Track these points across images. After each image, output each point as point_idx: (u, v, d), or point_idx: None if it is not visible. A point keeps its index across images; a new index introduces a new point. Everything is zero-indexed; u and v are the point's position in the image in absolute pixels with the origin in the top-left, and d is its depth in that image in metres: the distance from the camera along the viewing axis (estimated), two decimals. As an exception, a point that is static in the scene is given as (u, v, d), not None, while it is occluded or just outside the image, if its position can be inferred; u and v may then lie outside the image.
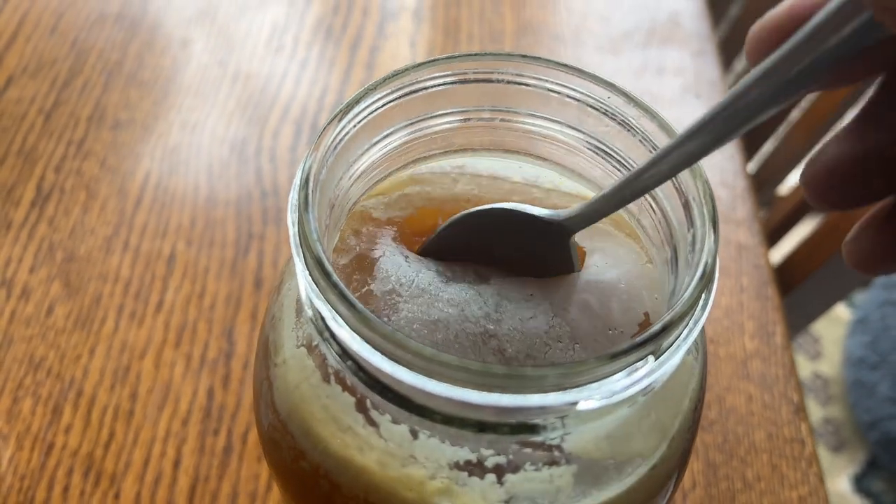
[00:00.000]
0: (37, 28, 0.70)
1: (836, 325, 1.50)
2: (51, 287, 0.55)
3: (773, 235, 0.81)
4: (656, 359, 0.20)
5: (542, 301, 0.29)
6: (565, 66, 0.27)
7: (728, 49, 0.97)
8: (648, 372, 0.20)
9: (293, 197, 0.22)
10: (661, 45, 0.74)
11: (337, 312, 0.20)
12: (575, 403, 0.20)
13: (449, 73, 0.26)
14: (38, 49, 0.68)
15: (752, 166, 0.95)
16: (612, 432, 0.23)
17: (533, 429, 0.21)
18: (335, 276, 0.20)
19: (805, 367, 1.45)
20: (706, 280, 0.21)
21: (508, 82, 0.26)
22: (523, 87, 0.27)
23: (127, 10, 0.72)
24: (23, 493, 0.47)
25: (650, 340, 0.20)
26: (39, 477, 0.47)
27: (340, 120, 0.24)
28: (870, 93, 0.21)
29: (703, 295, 0.21)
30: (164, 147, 0.63)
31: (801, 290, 0.69)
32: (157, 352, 0.52)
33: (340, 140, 0.24)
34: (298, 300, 0.25)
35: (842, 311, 1.52)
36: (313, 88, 0.68)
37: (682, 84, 0.71)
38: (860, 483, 1.32)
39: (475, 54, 0.26)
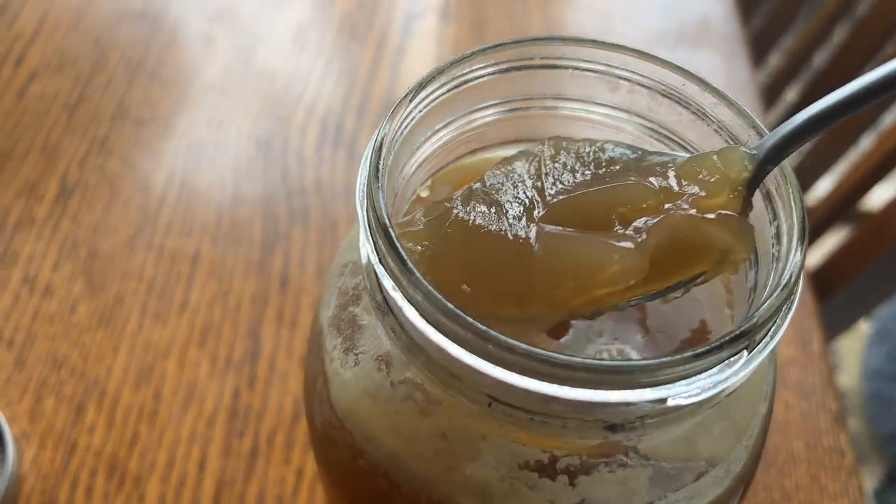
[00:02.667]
0: (59, 25, 0.69)
1: (854, 336, 1.48)
2: (74, 285, 0.54)
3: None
4: (749, 354, 0.19)
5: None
6: (637, 51, 0.26)
7: (759, 46, 0.96)
8: (741, 368, 0.19)
9: (363, 176, 0.21)
10: (691, 46, 0.73)
11: (413, 304, 0.19)
12: (664, 400, 0.18)
13: (511, 58, 0.25)
14: (61, 46, 0.67)
15: (793, 158, 0.94)
16: (688, 434, 0.22)
17: (612, 428, 0.20)
18: (410, 264, 0.18)
19: (822, 378, 1.44)
20: (799, 274, 0.20)
21: (575, 68, 0.25)
22: (590, 73, 0.26)
23: (149, 8, 0.71)
24: (46, 494, 0.45)
25: (745, 335, 0.18)
26: (62, 477, 0.46)
27: (413, 98, 0.23)
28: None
29: (795, 288, 0.20)
30: (188, 145, 0.62)
31: (838, 296, 0.67)
32: (182, 352, 0.51)
33: (410, 120, 0.23)
34: (358, 292, 0.24)
35: (860, 323, 1.50)
36: (338, 87, 0.67)
37: (713, 86, 0.70)
38: (880, 498, 1.30)
39: (539, 39, 0.25)
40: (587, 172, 0.24)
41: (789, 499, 0.49)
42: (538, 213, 0.23)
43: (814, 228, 0.78)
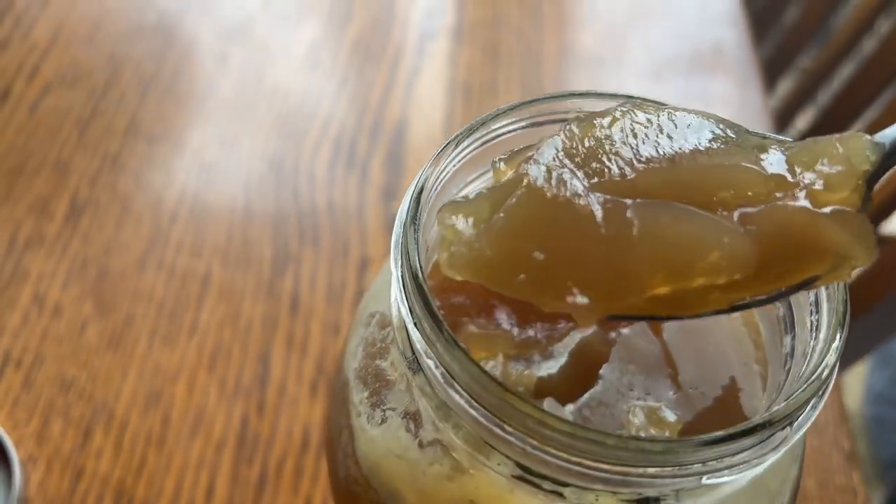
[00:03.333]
0: (74, 37, 0.69)
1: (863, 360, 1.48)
2: (83, 305, 0.53)
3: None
4: (792, 429, 0.19)
5: (621, 346, 0.28)
6: (657, 103, 0.25)
7: (771, 71, 0.96)
8: (778, 447, 0.18)
9: (398, 231, 0.20)
10: (705, 72, 0.73)
11: (448, 371, 0.18)
12: (699, 478, 0.18)
13: (560, 112, 0.24)
14: (76, 59, 0.67)
15: None
16: (724, 500, 0.22)
17: (646, 501, 0.19)
18: (448, 331, 0.18)
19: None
20: (841, 353, 0.19)
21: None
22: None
23: (164, 22, 0.71)
24: (52, 521, 0.45)
25: (782, 420, 0.18)
26: (69, 502, 0.46)
27: (458, 144, 0.22)
28: None
29: (830, 379, 0.19)
30: (200, 162, 0.62)
31: (854, 326, 0.67)
32: (191, 375, 0.51)
33: (446, 173, 0.22)
34: (386, 345, 0.23)
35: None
36: (351, 107, 0.67)
37: (727, 114, 0.70)
38: (881, 521, 1.29)
39: (582, 94, 0.25)
40: (682, 143, 0.21)
41: (801, 538, 0.49)
42: (627, 182, 0.20)
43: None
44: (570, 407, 0.26)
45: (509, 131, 0.25)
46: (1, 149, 0.61)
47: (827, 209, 0.20)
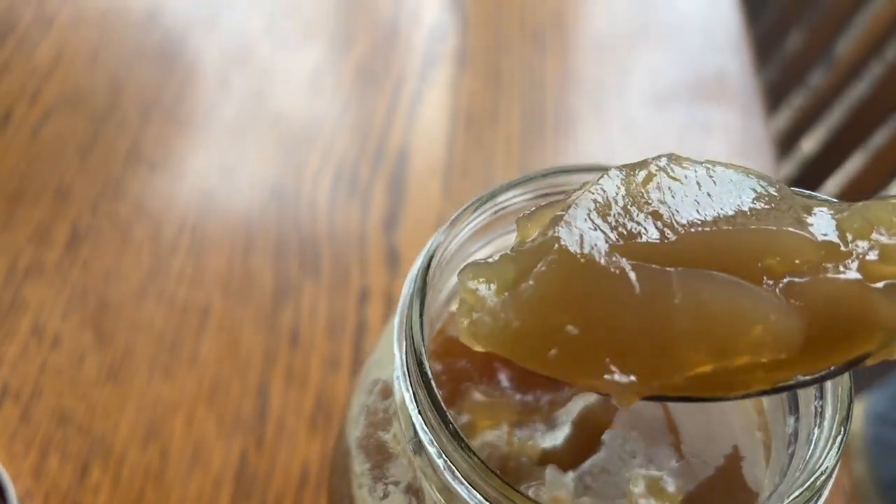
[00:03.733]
0: (76, 59, 0.69)
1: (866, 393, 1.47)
2: (83, 336, 0.53)
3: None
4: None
5: (624, 412, 0.27)
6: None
7: (776, 94, 0.96)
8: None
9: (402, 314, 0.20)
10: (708, 102, 0.73)
11: (451, 461, 0.18)
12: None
13: (545, 186, 0.24)
14: (78, 82, 0.67)
15: None
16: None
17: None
18: (453, 424, 0.18)
19: (825, 419, 1.43)
20: (841, 452, 0.19)
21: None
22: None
23: (166, 45, 0.71)
24: (48, 559, 0.45)
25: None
26: (66, 540, 0.45)
27: (475, 210, 0.22)
28: None
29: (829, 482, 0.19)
30: (201, 189, 0.62)
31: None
32: (190, 409, 0.51)
33: (455, 242, 0.22)
34: (388, 416, 0.23)
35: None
36: (354, 134, 0.67)
37: (729, 143, 0.70)
38: (881, 543, 1.29)
39: (570, 169, 0.24)
40: (724, 202, 0.20)
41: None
42: (666, 245, 0.19)
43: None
44: (571, 474, 0.26)
45: (515, 203, 0.24)
46: (2, 174, 0.61)
47: (881, 283, 0.19)
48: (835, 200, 0.22)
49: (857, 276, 0.19)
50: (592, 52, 0.76)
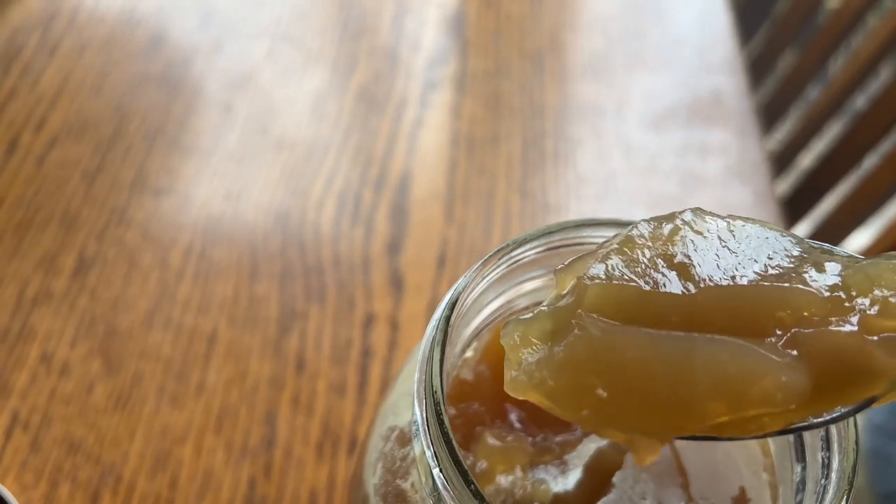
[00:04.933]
0: (82, 87, 0.69)
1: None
2: (91, 364, 0.54)
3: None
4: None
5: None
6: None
7: (767, 117, 0.97)
8: None
9: (420, 375, 0.21)
10: (704, 123, 0.74)
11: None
12: None
13: (556, 241, 0.25)
14: (83, 110, 0.68)
15: (806, 227, 0.95)
16: None
17: None
18: (474, 483, 0.19)
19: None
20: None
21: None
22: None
23: (170, 72, 0.72)
24: (61, 589, 0.45)
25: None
26: (77, 570, 0.46)
27: (499, 259, 0.23)
28: None
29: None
30: (207, 216, 0.62)
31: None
32: (199, 437, 0.51)
33: (470, 299, 0.23)
34: (406, 465, 0.24)
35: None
36: (356, 159, 0.68)
37: (726, 165, 0.71)
38: (878, 554, 1.29)
39: (580, 224, 0.25)
40: (743, 259, 0.22)
41: None
42: (688, 299, 0.21)
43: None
44: (583, 516, 0.26)
45: (527, 257, 0.25)
46: (9, 202, 0.61)
47: (878, 336, 0.21)
48: (847, 255, 0.23)
49: (857, 329, 0.21)
50: (590, 75, 0.77)
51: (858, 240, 1.01)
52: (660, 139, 0.73)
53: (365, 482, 0.26)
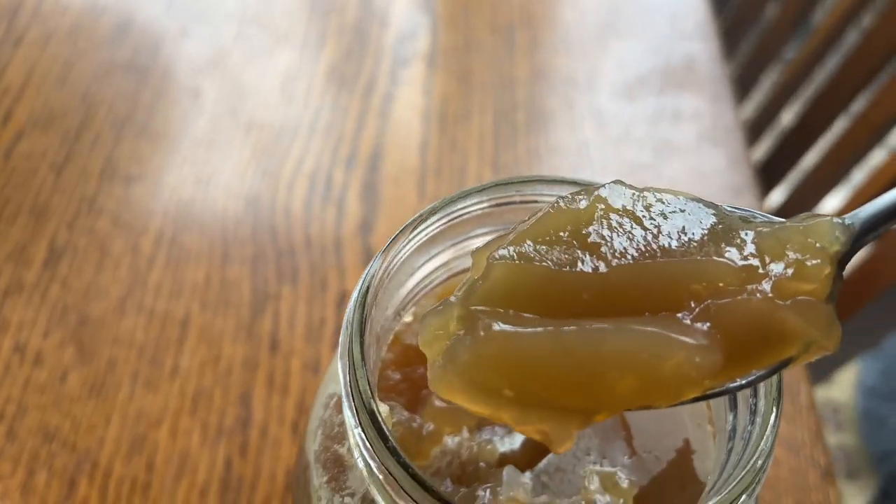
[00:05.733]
0: (47, 79, 0.69)
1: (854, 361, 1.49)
2: (65, 352, 0.54)
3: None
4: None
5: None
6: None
7: (741, 86, 0.97)
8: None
9: (343, 345, 0.21)
10: (677, 90, 0.74)
11: (400, 485, 0.19)
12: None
13: (508, 195, 0.25)
14: (49, 101, 0.67)
15: (779, 196, 0.94)
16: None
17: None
18: (401, 454, 0.19)
19: (816, 393, 1.44)
20: (772, 446, 0.20)
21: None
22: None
23: (137, 60, 0.71)
24: (39, 575, 0.45)
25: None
26: (55, 555, 0.46)
27: (412, 230, 0.23)
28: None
29: (772, 451, 0.20)
30: (177, 202, 0.62)
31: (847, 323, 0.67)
32: (174, 420, 0.52)
33: (396, 264, 0.23)
34: (343, 430, 0.24)
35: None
36: (327, 138, 0.67)
37: (699, 130, 0.71)
38: (874, 513, 1.31)
39: (523, 181, 0.25)
40: (658, 233, 0.22)
41: (779, 558, 0.50)
42: (599, 277, 0.21)
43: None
44: (528, 474, 0.27)
45: (472, 211, 0.25)
46: (-22, 196, 0.61)
47: (791, 300, 0.21)
48: (766, 219, 0.23)
49: (770, 294, 0.21)
50: (561, 48, 0.76)
51: (833, 202, 1.01)
52: (632, 108, 0.72)
53: (306, 450, 0.26)
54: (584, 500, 0.25)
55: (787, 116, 0.96)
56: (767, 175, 0.89)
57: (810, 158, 0.86)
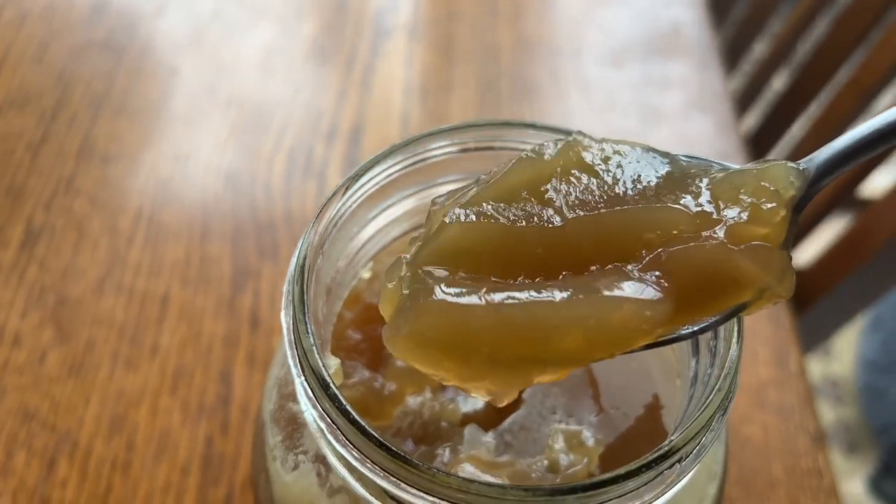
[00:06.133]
0: (22, 59, 0.68)
1: (849, 325, 1.48)
2: (43, 333, 0.53)
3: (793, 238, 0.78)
4: (682, 464, 0.19)
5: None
6: (564, 131, 0.25)
7: (732, 54, 0.96)
8: (674, 481, 0.18)
9: (286, 300, 0.20)
10: (663, 56, 0.72)
11: (345, 436, 0.18)
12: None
13: (451, 141, 0.24)
14: (25, 81, 0.66)
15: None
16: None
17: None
18: (349, 410, 0.18)
19: (816, 368, 1.44)
20: (732, 382, 0.19)
21: (511, 149, 0.25)
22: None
23: (113, 38, 0.70)
24: (18, 555, 0.45)
25: (675, 451, 0.18)
26: (35, 536, 0.46)
27: (343, 195, 0.22)
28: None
29: (732, 390, 0.19)
30: (156, 180, 0.61)
31: (820, 305, 0.67)
32: (154, 399, 0.51)
33: (342, 215, 0.22)
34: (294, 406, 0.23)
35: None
36: (307, 113, 0.66)
37: (686, 97, 0.70)
38: (875, 484, 1.30)
39: (478, 125, 0.24)
40: (614, 184, 0.22)
41: (769, 523, 0.49)
42: (556, 230, 0.21)
43: (802, 226, 0.77)
44: (490, 434, 0.26)
45: (440, 154, 0.24)
46: (-46, 178, 0.60)
47: (745, 245, 0.20)
48: (721, 166, 0.22)
49: (724, 240, 0.20)
50: (545, 15, 0.75)
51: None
52: (618, 75, 0.71)
53: (263, 410, 0.25)
54: (547, 459, 0.24)
55: (777, 83, 0.95)
56: (757, 144, 0.88)
57: (800, 126, 0.85)
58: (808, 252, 0.78)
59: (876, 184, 0.80)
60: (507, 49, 0.72)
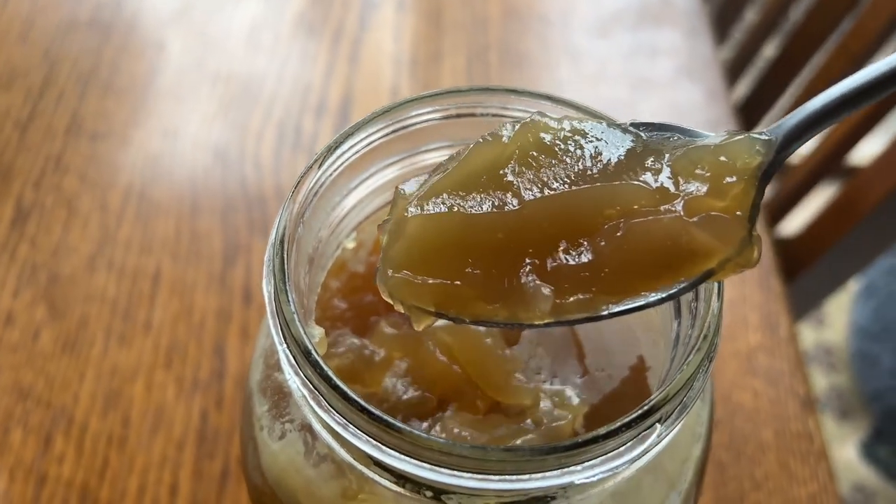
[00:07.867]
0: (7, 37, 0.67)
1: (840, 291, 1.49)
2: (36, 311, 0.53)
3: (782, 206, 0.78)
4: (663, 424, 0.19)
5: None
6: (550, 97, 0.25)
7: (721, 23, 0.95)
8: (655, 441, 0.19)
9: (266, 271, 0.20)
10: (653, 24, 0.72)
11: (331, 406, 0.18)
12: (570, 483, 0.18)
13: (433, 108, 0.24)
14: (11, 59, 0.66)
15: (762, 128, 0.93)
16: (619, 489, 0.22)
17: (535, 500, 0.20)
18: (330, 374, 0.18)
19: (809, 335, 1.45)
20: (712, 342, 0.19)
21: (493, 115, 0.25)
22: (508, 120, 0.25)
23: (99, 15, 0.69)
24: (17, 529, 0.46)
25: (655, 410, 0.18)
26: (34, 510, 0.46)
27: (320, 166, 0.22)
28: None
29: (712, 349, 0.19)
30: (144, 157, 0.61)
31: (811, 272, 0.67)
32: (148, 374, 0.51)
33: (322, 185, 0.22)
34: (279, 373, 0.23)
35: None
36: (296, 87, 0.66)
37: (676, 65, 0.69)
38: (868, 449, 1.32)
39: (459, 91, 0.24)
40: (573, 165, 0.22)
41: (759, 487, 0.50)
42: (513, 214, 0.21)
43: (794, 193, 0.77)
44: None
45: (421, 121, 0.24)
46: (-59, 158, 0.60)
47: (699, 217, 0.21)
48: (679, 138, 0.22)
49: (681, 213, 0.21)
50: (534, -16, 0.74)
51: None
52: (608, 44, 0.71)
53: (250, 380, 0.25)
54: (531, 418, 0.25)
55: (768, 51, 0.94)
56: (749, 112, 0.88)
57: (791, 93, 0.85)
58: (798, 219, 0.78)
59: (864, 151, 0.80)
60: (496, 19, 0.72)
